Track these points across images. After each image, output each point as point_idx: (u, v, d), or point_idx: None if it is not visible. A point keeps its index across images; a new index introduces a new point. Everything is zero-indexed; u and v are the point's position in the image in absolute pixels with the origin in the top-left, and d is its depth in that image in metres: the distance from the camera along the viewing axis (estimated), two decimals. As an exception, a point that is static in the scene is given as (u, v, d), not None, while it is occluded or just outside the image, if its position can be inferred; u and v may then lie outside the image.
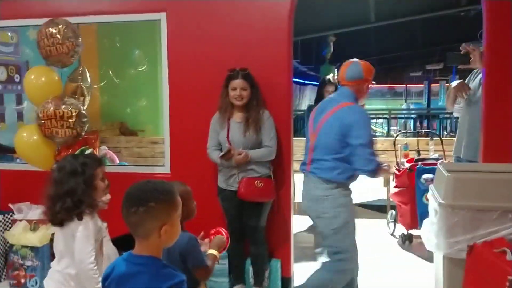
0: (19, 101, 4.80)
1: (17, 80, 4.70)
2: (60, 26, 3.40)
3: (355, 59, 3.06)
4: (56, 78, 3.55)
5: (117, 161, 4.33)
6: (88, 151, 3.33)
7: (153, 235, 1.55)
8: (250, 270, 3.46)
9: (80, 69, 3.61)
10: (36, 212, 3.69)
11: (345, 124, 2.83)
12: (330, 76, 4.89)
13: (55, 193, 2.23)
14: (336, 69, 11.29)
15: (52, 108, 3.37)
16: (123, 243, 3.13)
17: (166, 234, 1.56)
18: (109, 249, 2.67)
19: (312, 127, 3.04)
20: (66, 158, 2.38)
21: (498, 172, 2.72)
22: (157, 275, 1.54)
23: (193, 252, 2.18)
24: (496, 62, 3.21)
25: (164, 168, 3.73)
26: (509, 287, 1.98)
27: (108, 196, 2.61)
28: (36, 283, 3.57)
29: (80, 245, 2.20)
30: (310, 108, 4.94)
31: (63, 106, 3.38)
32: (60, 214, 2.20)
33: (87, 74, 3.66)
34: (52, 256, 3.58)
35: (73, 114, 3.38)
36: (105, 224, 2.68)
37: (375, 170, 2.83)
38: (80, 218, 2.21)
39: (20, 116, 4.85)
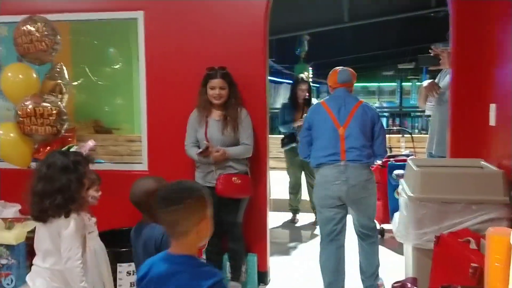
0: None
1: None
2: (39, 23, 3.38)
3: (342, 67, 3.40)
4: (34, 75, 3.52)
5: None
6: (73, 148, 3.32)
7: (191, 233, 1.59)
8: (227, 265, 3.52)
9: (58, 66, 3.60)
10: (11, 210, 3.68)
11: (372, 117, 3.24)
12: (303, 75, 4.98)
13: (43, 189, 2.20)
14: (310, 68, 11.46)
15: (31, 105, 3.35)
16: (108, 238, 3.18)
17: (203, 230, 1.61)
18: (97, 244, 2.69)
19: (337, 120, 3.21)
20: (53, 154, 2.35)
21: (463, 167, 2.87)
22: (198, 274, 1.57)
23: (169, 244, 2.23)
24: (462, 62, 3.35)
25: (142, 165, 3.77)
26: (472, 273, 2.11)
27: (99, 193, 2.63)
28: (12, 281, 3.54)
29: (67, 243, 2.20)
30: (285, 106, 5.02)
31: (43, 104, 3.36)
32: (50, 210, 2.19)
33: (65, 71, 3.65)
34: (29, 254, 3.58)
35: (54, 111, 3.36)
36: (94, 219, 2.70)
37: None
38: (67, 216, 2.21)
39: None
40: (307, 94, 4.82)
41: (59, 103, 3.47)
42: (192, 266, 1.59)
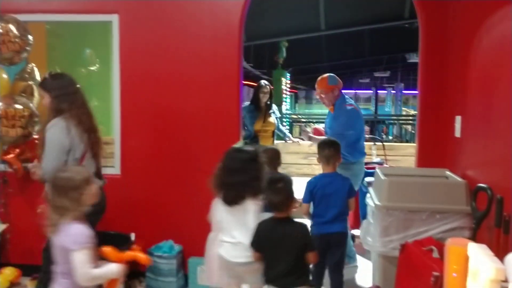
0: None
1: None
2: (10, 24, 3.34)
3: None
4: (4, 76, 3.48)
5: None
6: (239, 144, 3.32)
7: None
8: None
9: (29, 67, 3.55)
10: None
11: None
12: (265, 81, 5.03)
13: (239, 179, 2.52)
14: (288, 74, 11.56)
15: (2, 107, 3.30)
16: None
17: None
18: None
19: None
20: (240, 149, 2.73)
21: (429, 176, 2.96)
22: None
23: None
24: (429, 74, 3.46)
25: (114, 169, 3.73)
26: (434, 282, 2.17)
27: None
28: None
29: (254, 219, 2.50)
30: (245, 109, 5.07)
31: (14, 106, 3.31)
32: (248, 194, 2.51)
33: (36, 72, 3.60)
34: None
35: (25, 113, 3.32)
36: None
37: None
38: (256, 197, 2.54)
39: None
40: (269, 98, 4.89)
41: (31, 104, 3.42)
42: None
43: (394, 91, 20.12)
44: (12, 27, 3.34)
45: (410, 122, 14.62)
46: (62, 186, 2.21)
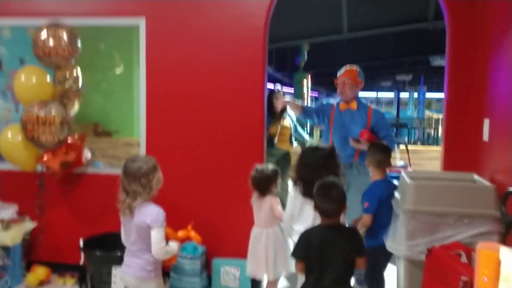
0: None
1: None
2: (62, 29, 3.42)
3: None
4: (48, 80, 3.54)
5: None
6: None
7: None
8: None
9: (72, 72, 3.61)
10: (8, 211, 3.68)
11: None
12: (278, 86, 5.02)
13: (320, 175, 2.55)
14: (309, 76, 11.54)
15: (35, 112, 3.36)
16: (103, 241, 3.22)
17: None
18: None
19: None
20: (318, 147, 2.86)
21: (456, 180, 2.92)
22: None
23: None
24: (457, 77, 3.41)
25: (139, 170, 3.78)
26: (462, 287, 2.14)
27: None
28: (7, 282, 3.56)
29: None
30: None
31: (47, 112, 3.37)
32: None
33: (79, 77, 3.67)
34: (25, 255, 3.60)
35: (56, 121, 3.38)
36: None
37: None
38: None
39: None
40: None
41: (65, 111, 3.48)
42: None
43: (416, 95, 19.88)
44: (62, 33, 3.42)
45: (433, 125, 14.43)
46: (133, 173, 2.47)
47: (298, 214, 2.76)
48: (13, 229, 3.57)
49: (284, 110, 4.83)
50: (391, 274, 3.42)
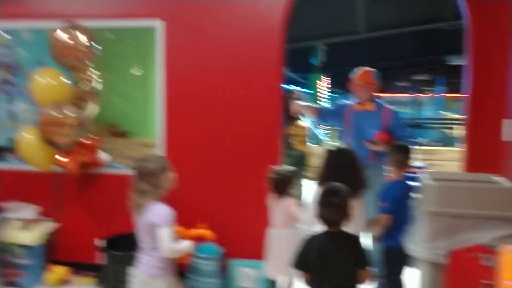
0: (11, 102, 4.83)
1: (11, 81, 4.72)
2: (80, 31, 3.46)
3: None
4: (64, 81, 3.58)
5: None
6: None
7: None
8: None
9: (89, 73, 3.64)
10: (29, 211, 3.74)
11: None
12: (294, 87, 5.00)
13: (346, 176, 2.62)
14: (326, 77, 11.48)
15: (51, 113, 3.40)
16: (121, 241, 3.25)
17: None
18: None
19: None
20: (342, 149, 2.96)
21: (479, 182, 2.86)
22: None
23: None
24: (477, 77, 3.36)
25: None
26: (484, 290, 2.10)
27: None
28: (27, 282, 3.61)
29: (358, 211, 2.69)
30: None
31: (63, 113, 3.41)
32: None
33: (96, 78, 3.70)
34: (46, 255, 3.65)
35: (72, 122, 3.42)
36: None
37: None
38: None
39: (12, 116, 4.88)
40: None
41: (81, 112, 3.51)
42: None
43: (433, 95, 19.61)
44: (79, 35, 3.45)
45: (450, 126, 14.22)
46: (143, 173, 2.51)
47: None
48: (34, 229, 3.61)
49: (299, 112, 4.82)
50: (412, 277, 3.37)
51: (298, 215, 3.02)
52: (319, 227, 2.63)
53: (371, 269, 2.28)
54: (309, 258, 2.23)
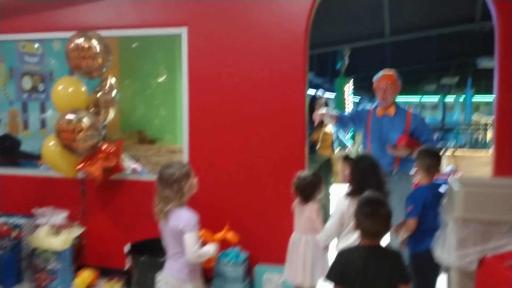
0: (42, 110, 4.98)
1: (41, 89, 4.87)
2: (93, 40, 3.54)
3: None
4: (83, 89, 3.68)
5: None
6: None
7: None
8: None
9: (108, 81, 3.72)
10: (59, 216, 3.83)
11: None
12: (320, 92, 4.94)
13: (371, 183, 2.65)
14: (351, 81, 11.39)
15: (66, 120, 3.49)
16: (148, 247, 3.30)
17: None
18: None
19: None
20: (365, 156, 2.99)
21: (508, 187, 2.78)
22: None
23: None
24: (508, 79, 3.27)
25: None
26: (517, 299, 2.03)
27: None
28: (57, 286, 3.69)
29: None
30: None
31: (77, 119, 3.49)
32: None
33: (114, 85, 3.78)
34: (75, 259, 3.72)
35: (84, 127, 3.49)
36: None
37: None
38: None
39: (43, 124, 5.03)
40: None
41: (96, 118, 3.58)
42: None
43: (462, 98, 19.20)
44: (94, 43, 3.53)
45: (482, 129, 13.90)
46: (166, 179, 2.53)
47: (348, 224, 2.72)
48: (63, 234, 3.70)
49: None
50: (441, 284, 3.30)
51: (317, 222, 2.99)
52: (350, 239, 2.60)
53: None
54: (349, 273, 2.11)
